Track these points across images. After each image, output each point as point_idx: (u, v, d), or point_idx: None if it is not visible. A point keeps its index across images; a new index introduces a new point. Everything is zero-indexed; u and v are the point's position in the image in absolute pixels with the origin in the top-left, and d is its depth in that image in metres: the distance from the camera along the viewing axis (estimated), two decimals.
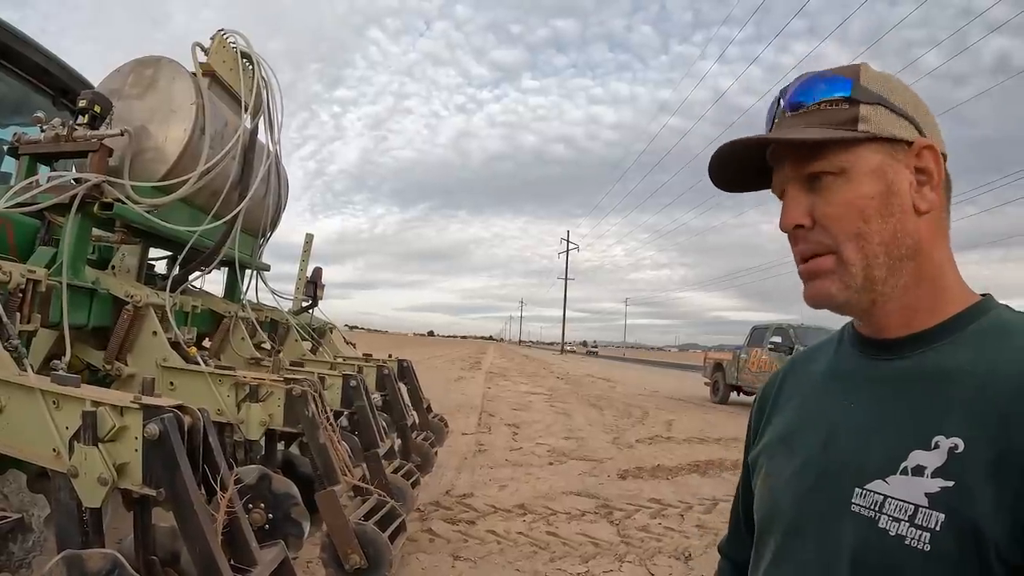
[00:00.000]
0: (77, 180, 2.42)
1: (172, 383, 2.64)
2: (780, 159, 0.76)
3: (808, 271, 0.74)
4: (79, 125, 2.54)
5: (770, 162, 0.78)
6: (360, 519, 2.61)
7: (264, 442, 2.69)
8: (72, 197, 2.40)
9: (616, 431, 9.63)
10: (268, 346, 3.80)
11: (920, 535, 0.61)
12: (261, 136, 3.46)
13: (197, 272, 3.23)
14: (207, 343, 3.50)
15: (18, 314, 2.05)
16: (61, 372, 1.80)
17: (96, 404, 1.54)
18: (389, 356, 4.65)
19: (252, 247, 3.80)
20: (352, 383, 3.22)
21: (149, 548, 1.65)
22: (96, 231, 2.91)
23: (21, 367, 1.76)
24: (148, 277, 3.26)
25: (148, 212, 2.63)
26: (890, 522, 0.63)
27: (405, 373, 4.67)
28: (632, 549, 4.15)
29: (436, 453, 4.71)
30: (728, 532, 1.04)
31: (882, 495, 0.65)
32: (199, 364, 2.67)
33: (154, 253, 3.35)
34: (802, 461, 0.75)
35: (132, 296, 2.62)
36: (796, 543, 0.73)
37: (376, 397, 3.86)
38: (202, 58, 3.11)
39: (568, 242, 73.42)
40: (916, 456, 0.64)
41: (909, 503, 0.62)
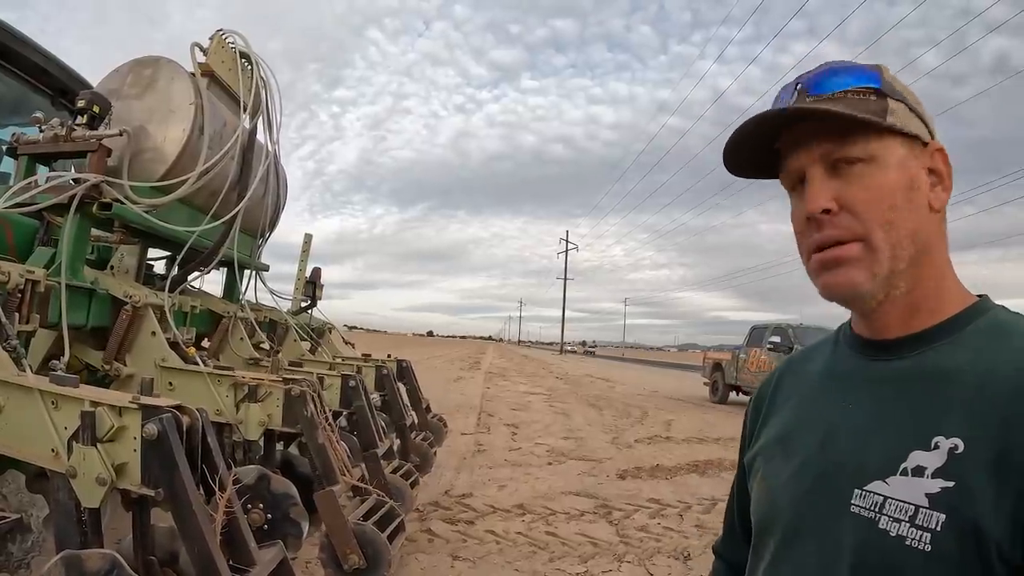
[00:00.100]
0: (76, 180, 2.42)
1: (171, 383, 2.64)
2: (801, 142, 0.73)
3: (830, 259, 0.71)
4: (78, 125, 2.53)
5: (781, 147, 0.76)
6: (359, 519, 2.61)
7: (263, 442, 2.69)
8: (71, 197, 2.39)
9: (615, 431, 9.63)
10: (267, 346, 3.80)
11: (921, 535, 0.61)
12: (260, 136, 3.46)
13: (196, 272, 3.23)
14: (206, 343, 3.49)
15: (17, 314, 2.04)
16: (60, 372, 1.80)
17: (95, 404, 1.54)
18: (388, 356, 4.65)
19: (251, 247, 3.79)
20: (351, 383, 3.22)
21: (148, 548, 1.65)
22: (95, 231, 2.91)
23: (20, 367, 1.76)
24: (147, 277, 3.25)
25: (147, 212, 2.62)
26: (890, 523, 0.63)
27: (404, 373, 4.67)
28: (631, 549, 4.15)
29: (435, 453, 4.71)
30: (723, 533, 1.03)
31: (882, 496, 0.65)
32: (198, 364, 2.67)
33: (153, 253, 3.35)
34: (800, 462, 0.75)
35: (131, 296, 2.62)
36: (795, 545, 0.73)
37: (375, 397, 3.86)
38: (201, 58, 3.10)
39: (567, 242, 73.42)
40: (916, 457, 0.64)
41: (909, 504, 0.62)
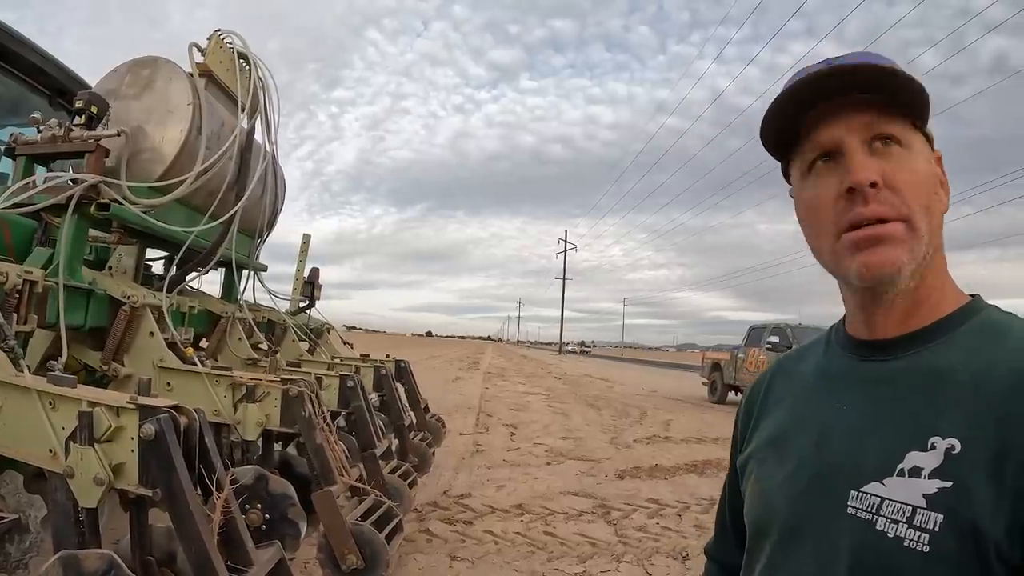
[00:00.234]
0: (74, 181, 2.42)
1: (169, 384, 2.64)
2: (839, 113, 0.71)
3: (871, 236, 0.68)
4: (76, 126, 2.53)
5: (809, 121, 0.73)
6: (357, 519, 2.61)
7: (261, 442, 2.69)
8: (69, 198, 2.39)
9: (614, 431, 9.63)
10: (265, 346, 3.80)
11: (919, 536, 0.60)
12: (258, 136, 3.45)
13: (194, 272, 3.22)
14: (204, 343, 3.49)
15: (15, 315, 2.04)
16: (57, 373, 1.80)
17: (92, 404, 1.54)
18: (387, 356, 4.65)
19: (249, 247, 3.79)
20: (349, 383, 3.22)
21: (145, 548, 1.65)
22: (93, 232, 2.90)
23: (18, 368, 1.76)
24: (145, 278, 3.25)
25: (145, 212, 2.62)
26: (888, 524, 0.63)
27: (402, 373, 4.67)
28: (630, 549, 4.15)
29: (433, 453, 4.71)
30: (714, 535, 1.03)
31: (879, 497, 0.64)
32: (196, 365, 2.66)
33: (151, 254, 3.35)
34: (794, 464, 0.75)
35: (129, 297, 2.62)
36: (792, 547, 0.72)
37: (373, 397, 3.86)
38: (199, 58, 3.10)
39: (566, 242, 73.43)
40: (912, 457, 0.64)
41: (907, 504, 0.62)
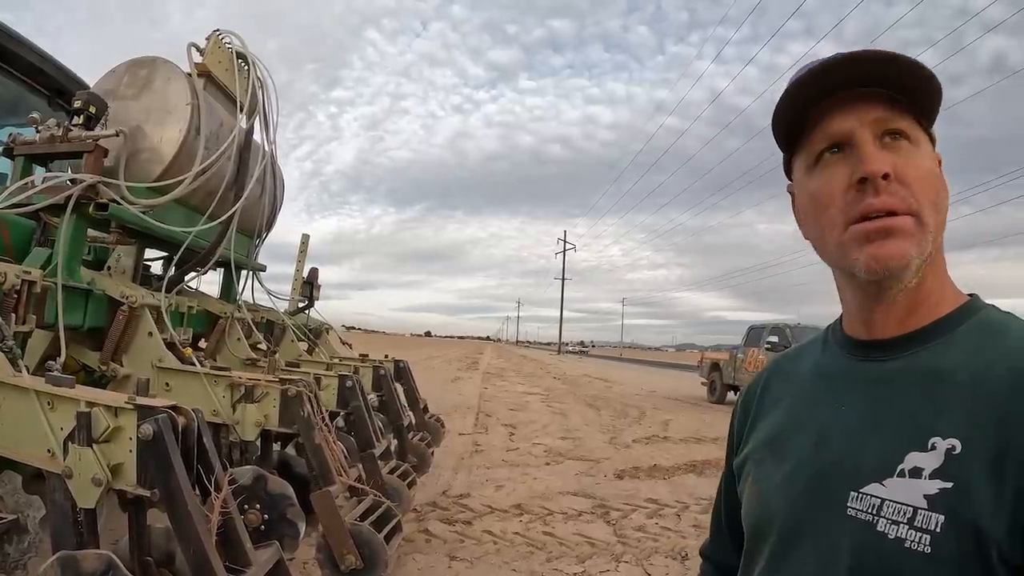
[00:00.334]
0: (72, 181, 2.42)
1: (168, 384, 2.63)
2: (849, 106, 0.71)
3: (881, 228, 0.68)
4: (74, 126, 2.53)
5: (815, 115, 0.73)
6: (356, 520, 2.60)
7: (260, 443, 2.68)
8: (67, 198, 2.39)
9: (613, 431, 9.63)
10: (264, 347, 3.79)
11: (920, 537, 0.60)
12: (257, 136, 3.45)
13: (193, 273, 3.22)
14: (203, 344, 3.49)
15: (13, 315, 2.04)
16: (56, 373, 1.79)
17: (90, 405, 1.53)
18: (386, 356, 4.64)
19: (248, 248, 3.79)
20: (348, 384, 3.22)
21: (144, 549, 1.65)
22: (92, 232, 2.90)
23: (16, 368, 1.76)
24: (144, 278, 3.24)
25: (144, 213, 2.61)
26: (889, 525, 0.62)
27: (401, 373, 4.66)
28: (628, 549, 4.16)
29: (433, 453, 4.70)
30: (710, 536, 1.03)
31: (879, 498, 0.64)
32: (195, 365, 2.66)
33: (150, 254, 3.34)
34: (793, 465, 0.74)
35: (128, 297, 2.61)
36: (792, 548, 0.72)
37: (372, 398, 3.85)
38: (197, 58, 3.09)
39: (565, 242, 73.49)
40: (913, 458, 0.63)
41: (908, 505, 0.62)
